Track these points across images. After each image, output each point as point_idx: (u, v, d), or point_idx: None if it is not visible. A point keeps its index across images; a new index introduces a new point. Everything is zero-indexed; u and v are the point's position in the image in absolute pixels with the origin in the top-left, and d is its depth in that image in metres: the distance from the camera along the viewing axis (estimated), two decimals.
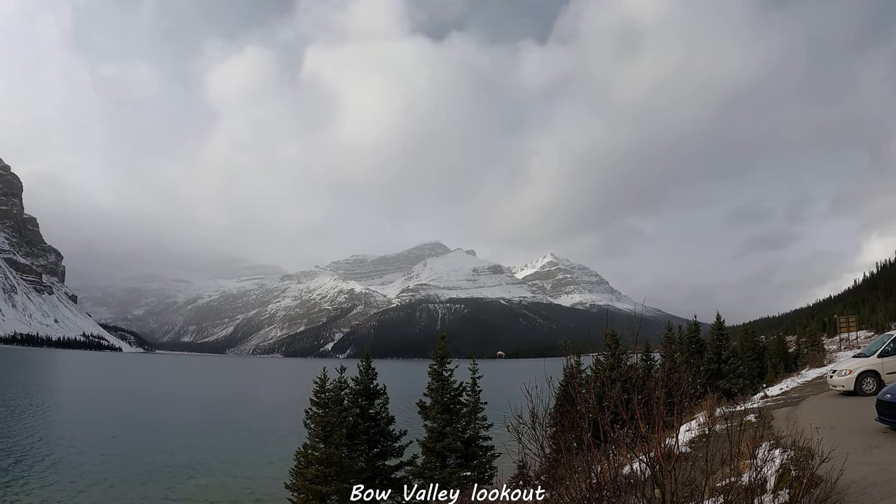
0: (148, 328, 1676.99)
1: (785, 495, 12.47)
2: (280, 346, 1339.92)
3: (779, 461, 14.88)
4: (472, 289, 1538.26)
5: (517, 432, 16.63)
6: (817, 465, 12.47)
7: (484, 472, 35.39)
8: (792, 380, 62.43)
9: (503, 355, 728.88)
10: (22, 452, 63.92)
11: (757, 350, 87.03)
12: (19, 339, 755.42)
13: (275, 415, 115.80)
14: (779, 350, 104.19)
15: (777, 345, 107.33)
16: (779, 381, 65.21)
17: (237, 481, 55.66)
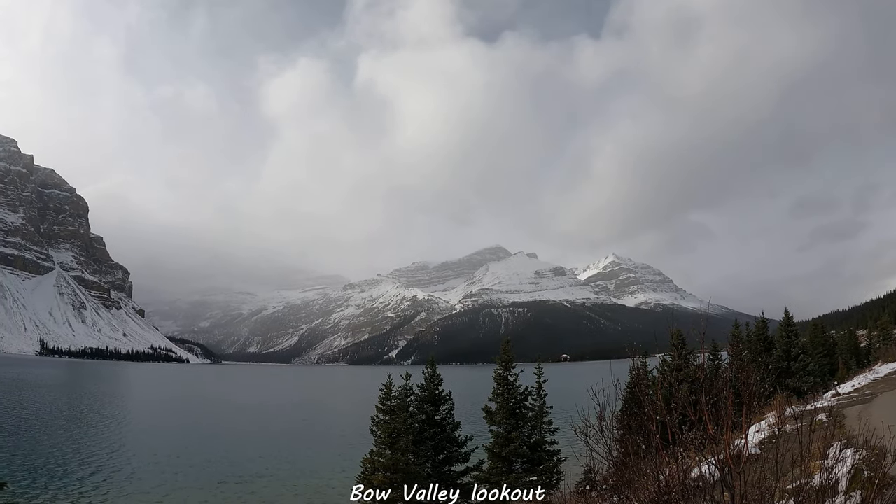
0: (214, 340, 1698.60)
1: (857, 497, 11.88)
2: (344, 355, 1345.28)
3: (851, 462, 14.37)
4: (534, 292, 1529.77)
5: (584, 435, 16.49)
6: (890, 465, 12.05)
7: (550, 476, 35.09)
8: (864, 376, 61.02)
9: (567, 358, 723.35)
10: (99, 463, 64.99)
11: (827, 346, 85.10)
12: (89, 353, 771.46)
13: (341, 422, 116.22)
14: (850, 345, 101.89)
15: (848, 340, 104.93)
16: (850, 377, 63.75)
17: (305, 488, 55.95)
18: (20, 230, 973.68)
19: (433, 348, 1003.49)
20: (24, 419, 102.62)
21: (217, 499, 52.33)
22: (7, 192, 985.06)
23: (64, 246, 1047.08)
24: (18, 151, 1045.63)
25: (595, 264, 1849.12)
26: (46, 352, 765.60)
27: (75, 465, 64.41)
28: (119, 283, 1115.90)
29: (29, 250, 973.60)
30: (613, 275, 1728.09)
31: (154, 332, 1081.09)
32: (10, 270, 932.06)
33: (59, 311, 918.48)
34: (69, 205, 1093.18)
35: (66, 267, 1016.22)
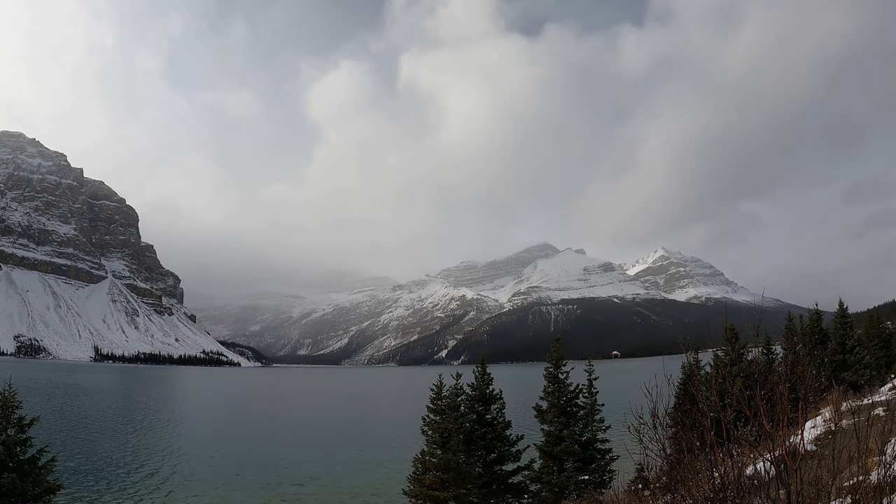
0: (265, 343, 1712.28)
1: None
2: (394, 356, 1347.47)
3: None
4: (583, 288, 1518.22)
5: (638, 433, 16.24)
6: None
7: (602, 475, 34.79)
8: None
9: (618, 355, 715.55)
10: (156, 465, 65.88)
11: (884, 338, 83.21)
12: (143, 359, 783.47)
13: (391, 422, 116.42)
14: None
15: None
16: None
17: (356, 488, 56.13)
18: (73, 241, 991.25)
19: (483, 347, 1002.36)
20: (81, 423, 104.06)
21: (274, 500, 52.72)
22: (59, 205, 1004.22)
23: (116, 255, 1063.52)
24: (68, 165, 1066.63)
25: (644, 259, 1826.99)
26: (100, 357, 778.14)
27: (132, 468, 65.32)
28: (170, 290, 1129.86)
29: (82, 260, 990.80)
30: (663, 269, 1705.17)
31: (205, 336, 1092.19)
32: (63, 280, 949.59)
33: (112, 318, 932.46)
34: (119, 215, 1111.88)
35: (119, 275, 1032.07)
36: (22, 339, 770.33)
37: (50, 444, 27.38)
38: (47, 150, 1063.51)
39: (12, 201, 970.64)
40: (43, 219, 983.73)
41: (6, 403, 23.38)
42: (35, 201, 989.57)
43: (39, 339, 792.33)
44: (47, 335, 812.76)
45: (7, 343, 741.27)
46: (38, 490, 23.23)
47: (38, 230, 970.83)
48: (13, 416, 23.46)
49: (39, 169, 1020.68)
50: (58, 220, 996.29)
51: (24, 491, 22.63)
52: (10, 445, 22.86)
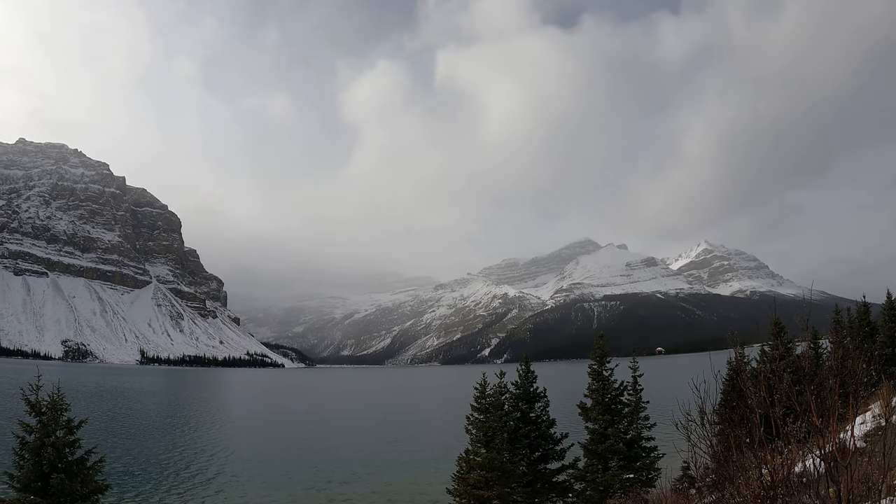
0: (308, 344, 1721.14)
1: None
2: (437, 355, 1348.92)
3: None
4: (626, 284, 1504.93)
5: (686, 430, 15.96)
6: None
7: (647, 474, 34.36)
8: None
9: (662, 351, 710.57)
10: (201, 465, 66.54)
11: None
12: (188, 361, 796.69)
13: (435, 421, 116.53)
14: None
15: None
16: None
17: (401, 487, 56.25)
18: (117, 247, 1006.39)
19: (526, 345, 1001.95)
20: (129, 424, 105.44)
21: (322, 499, 52.91)
22: (103, 213, 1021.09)
23: (159, 260, 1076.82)
24: (111, 174, 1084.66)
25: (687, 253, 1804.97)
26: (146, 360, 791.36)
27: (180, 468, 66.16)
28: (214, 293, 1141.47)
29: (126, 266, 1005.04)
30: (706, 263, 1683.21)
31: (249, 338, 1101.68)
32: (109, 286, 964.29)
33: (157, 322, 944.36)
34: (162, 221, 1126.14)
35: (163, 280, 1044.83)
36: (69, 344, 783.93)
37: (98, 445, 27.71)
38: (90, 160, 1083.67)
39: (57, 210, 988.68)
40: (87, 227, 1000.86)
41: (55, 406, 23.83)
42: (79, 210, 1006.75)
43: (86, 343, 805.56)
44: (94, 339, 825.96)
45: (55, 348, 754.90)
46: (86, 490, 23.61)
47: (83, 238, 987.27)
48: (62, 419, 23.92)
49: (83, 178, 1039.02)
50: (102, 228, 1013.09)
51: (73, 491, 23.01)
52: (58, 447, 23.22)
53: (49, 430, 23.41)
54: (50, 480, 22.64)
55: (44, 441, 23.11)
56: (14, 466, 23.58)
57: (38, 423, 23.54)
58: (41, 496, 22.72)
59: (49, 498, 22.66)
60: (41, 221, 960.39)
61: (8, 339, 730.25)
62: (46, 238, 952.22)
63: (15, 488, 23.22)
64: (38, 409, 23.63)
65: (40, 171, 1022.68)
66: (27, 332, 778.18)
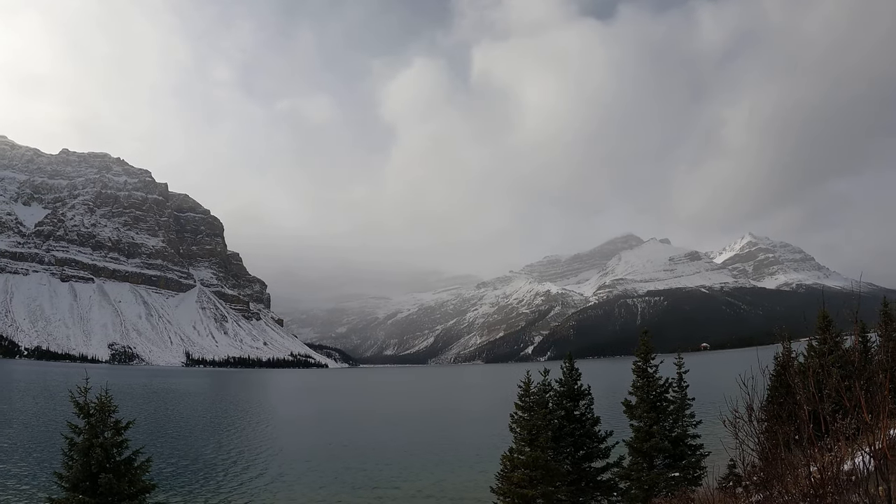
0: (351, 344, 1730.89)
1: None
2: (480, 354, 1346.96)
3: None
4: (669, 279, 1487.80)
5: (734, 427, 15.68)
6: None
7: (693, 472, 33.90)
8: None
9: (708, 347, 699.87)
10: (250, 465, 66.86)
11: None
12: (232, 362, 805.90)
13: (479, 419, 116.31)
14: None
15: None
16: None
17: (444, 486, 56.12)
18: (161, 252, 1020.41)
19: (569, 343, 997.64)
20: (176, 425, 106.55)
21: (368, 498, 53.07)
22: (146, 219, 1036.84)
23: (203, 264, 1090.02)
24: (153, 181, 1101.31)
25: (731, 246, 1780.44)
26: (191, 362, 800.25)
27: (227, 467, 66.70)
28: (257, 295, 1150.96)
29: (170, 270, 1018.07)
30: (751, 256, 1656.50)
31: (293, 339, 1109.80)
32: (154, 290, 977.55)
33: (202, 325, 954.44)
34: (205, 225, 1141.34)
35: (207, 283, 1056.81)
36: (116, 347, 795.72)
37: (145, 445, 28.07)
38: (132, 168, 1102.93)
39: (102, 218, 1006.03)
40: (132, 233, 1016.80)
41: (103, 408, 24.11)
42: (123, 217, 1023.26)
43: (132, 346, 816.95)
44: (140, 342, 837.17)
45: (102, 351, 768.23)
46: (133, 489, 23.86)
47: (127, 244, 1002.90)
48: (109, 420, 24.21)
49: (126, 186, 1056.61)
50: (146, 234, 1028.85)
51: (121, 490, 23.30)
52: (107, 447, 23.54)
53: (97, 431, 23.71)
54: (98, 480, 22.98)
55: (92, 442, 23.42)
56: (63, 467, 23.92)
57: (87, 424, 23.86)
58: (89, 496, 23.08)
59: (97, 497, 23.01)
60: (86, 229, 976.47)
61: (56, 343, 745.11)
62: (92, 245, 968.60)
63: (64, 488, 23.55)
64: (87, 411, 23.96)
65: (84, 181, 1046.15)
66: (75, 337, 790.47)
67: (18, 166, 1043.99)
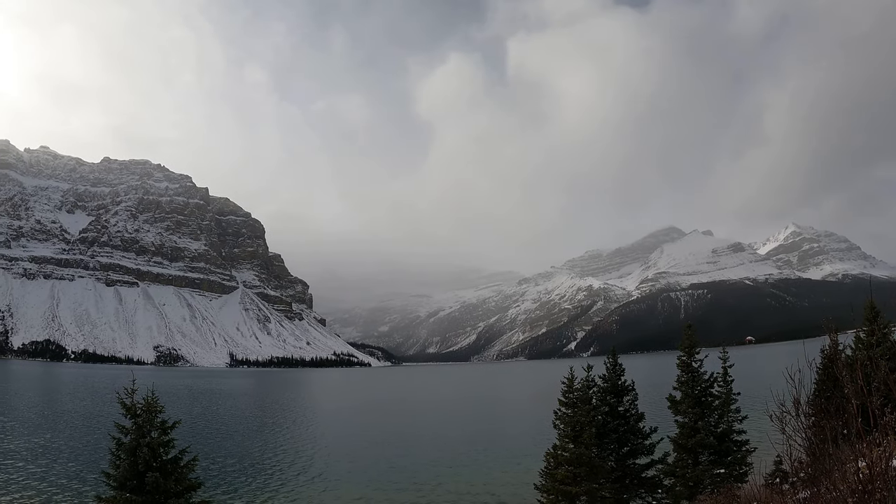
0: (394, 343, 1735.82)
1: None
2: (523, 350, 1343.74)
3: None
4: (713, 271, 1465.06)
5: (780, 422, 15.42)
6: None
7: (738, 468, 33.41)
8: None
9: (753, 340, 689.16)
10: (296, 462, 66.94)
11: None
12: (276, 362, 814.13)
13: (522, 416, 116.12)
14: None
15: None
16: None
17: (488, 483, 56.13)
18: (203, 256, 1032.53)
19: (612, 338, 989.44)
20: (222, 424, 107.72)
21: (414, 495, 53.31)
22: (188, 224, 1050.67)
23: (245, 266, 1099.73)
24: (194, 185, 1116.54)
25: (775, 236, 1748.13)
26: (235, 363, 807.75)
27: (269, 465, 67.44)
28: (300, 296, 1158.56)
29: (213, 273, 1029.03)
30: (795, 246, 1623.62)
31: (336, 338, 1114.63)
32: (198, 293, 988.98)
33: (245, 326, 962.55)
34: (246, 228, 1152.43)
35: (249, 285, 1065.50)
36: (161, 349, 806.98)
37: (192, 444, 28.40)
38: (173, 174, 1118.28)
39: (144, 223, 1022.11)
40: (174, 237, 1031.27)
41: (150, 408, 24.52)
42: (165, 221, 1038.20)
43: (177, 348, 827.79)
44: (184, 344, 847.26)
45: (147, 353, 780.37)
46: (180, 487, 24.26)
47: (170, 248, 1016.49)
48: (156, 420, 24.61)
49: (167, 191, 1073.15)
50: (188, 238, 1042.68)
51: (167, 489, 23.70)
52: (153, 447, 23.96)
53: (144, 431, 24.11)
54: (145, 479, 23.38)
55: (139, 442, 23.85)
56: (110, 466, 24.35)
57: (134, 424, 24.28)
58: (137, 494, 23.51)
59: (144, 495, 23.42)
60: (129, 234, 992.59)
61: (103, 346, 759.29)
62: (135, 250, 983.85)
63: (111, 486, 24.01)
64: (134, 412, 24.39)
65: (126, 187, 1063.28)
66: (120, 340, 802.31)
67: (61, 175, 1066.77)
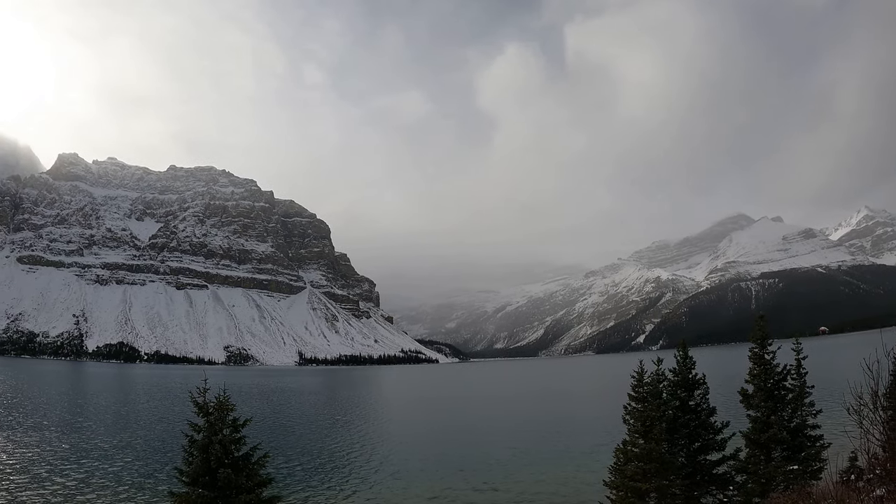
0: (461, 339, 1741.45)
1: None
2: (591, 344, 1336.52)
3: None
4: (783, 259, 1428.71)
5: (858, 415, 14.92)
6: None
7: (812, 464, 32.52)
8: None
9: (827, 331, 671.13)
10: (367, 459, 67.77)
11: None
12: (344, 360, 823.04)
13: (592, 411, 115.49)
14: None
15: None
16: None
17: (557, 479, 55.93)
18: (270, 257, 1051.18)
19: (681, 330, 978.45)
20: (291, 421, 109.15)
21: (485, 490, 53.35)
22: (255, 227, 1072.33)
23: (312, 266, 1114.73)
24: (259, 189, 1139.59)
25: (847, 221, 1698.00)
26: (304, 362, 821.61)
27: (339, 461, 68.29)
28: (366, 294, 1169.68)
29: (281, 274, 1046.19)
30: (868, 231, 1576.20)
31: (403, 336, 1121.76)
32: (266, 293, 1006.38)
33: (313, 325, 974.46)
34: (311, 229, 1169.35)
35: (316, 284, 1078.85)
36: (231, 349, 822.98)
37: (263, 441, 29.14)
38: (238, 179, 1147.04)
39: (212, 228, 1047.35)
40: (241, 240, 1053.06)
41: (221, 406, 25.03)
42: (232, 225, 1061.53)
43: (247, 348, 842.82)
44: (254, 344, 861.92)
45: (218, 353, 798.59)
46: (251, 483, 24.71)
47: (238, 251, 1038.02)
48: (228, 418, 25.06)
49: (233, 196, 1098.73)
50: (255, 240, 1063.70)
51: (239, 484, 24.21)
52: (225, 444, 24.46)
53: (216, 428, 24.63)
54: (217, 475, 23.91)
55: (211, 439, 24.39)
56: (183, 463, 24.96)
57: (206, 422, 24.82)
58: (209, 489, 24.03)
59: (216, 491, 23.94)
60: (198, 239, 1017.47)
61: (174, 347, 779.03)
62: (204, 254, 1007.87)
63: (184, 482, 24.57)
64: (206, 410, 24.94)
65: (193, 193, 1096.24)
66: (191, 341, 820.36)
67: (129, 185, 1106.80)
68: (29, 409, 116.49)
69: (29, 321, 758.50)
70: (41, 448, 72.63)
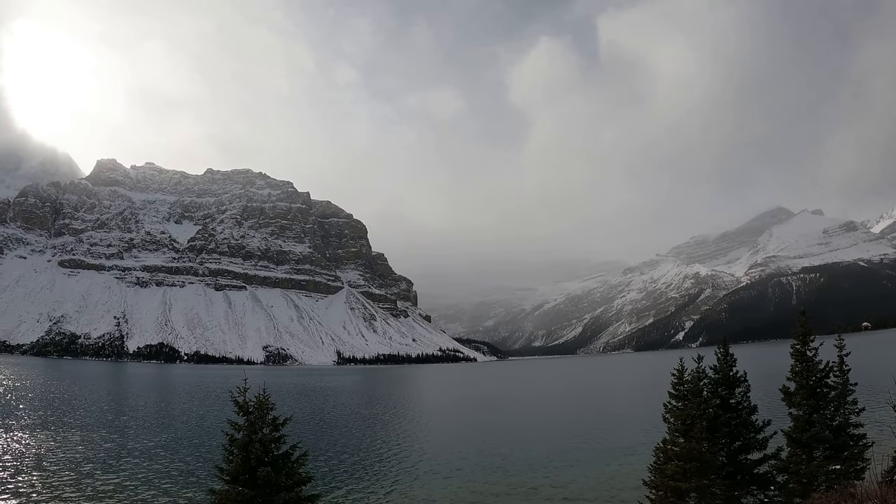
0: (499, 337, 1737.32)
1: None
2: (630, 341, 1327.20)
3: None
4: (824, 253, 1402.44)
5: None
6: None
7: (855, 464, 32.02)
8: None
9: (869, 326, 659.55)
10: (406, 457, 67.28)
11: None
12: (382, 359, 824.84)
13: (631, 410, 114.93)
14: None
15: None
16: None
17: (597, 478, 55.86)
18: (308, 258, 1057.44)
19: (721, 327, 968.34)
20: (331, 420, 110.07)
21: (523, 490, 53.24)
22: (292, 227, 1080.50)
23: (349, 266, 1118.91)
24: (296, 191, 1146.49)
25: (889, 212, 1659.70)
26: (343, 361, 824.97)
27: (378, 460, 68.79)
28: (404, 294, 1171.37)
29: (318, 274, 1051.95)
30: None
31: (441, 335, 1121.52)
32: (304, 294, 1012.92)
33: (351, 325, 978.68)
34: (348, 229, 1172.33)
35: (354, 284, 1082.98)
36: (270, 349, 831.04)
37: (302, 440, 28.91)
38: (274, 181, 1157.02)
39: (249, 229, 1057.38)
40: (279, 241, 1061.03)
41: (261, 406, 25.48)
42: (270, 227, 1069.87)
43: (285, 347, 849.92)
44: (292, 344, 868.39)
45: (257, 353, 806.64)
46: (290, 482, 25.14)
47: (275, 252, 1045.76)
48: (268, 417, 25.51)
49: (270, 198, 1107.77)
50: (293, 241, 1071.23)
51: (278, 483, 24.68)
52: (265, 443, 24.94)
53: (256, 427, 25.08)
54: (257, 473, 24.32)
55: (251, 438, 24.87)
56: (223, 461, 25.50)
57: (246, 421, 25.25)
58: (249, 487, 24.46)
59: (256, 489, 24.36)
60: (236, 241, 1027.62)
61: (214, 347, 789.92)
62: (242, 255, 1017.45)
63: (224, 480, 25.08)
64: (246, 409, 25.37)
65: (230, 196, 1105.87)
66: (230, 341, 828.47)
67: (167, 189, 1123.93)
68: (73, 410, 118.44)
69: (71, 323, 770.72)
70: (85, 447, 74.02)
